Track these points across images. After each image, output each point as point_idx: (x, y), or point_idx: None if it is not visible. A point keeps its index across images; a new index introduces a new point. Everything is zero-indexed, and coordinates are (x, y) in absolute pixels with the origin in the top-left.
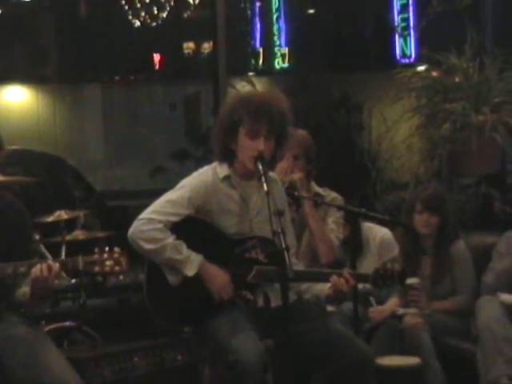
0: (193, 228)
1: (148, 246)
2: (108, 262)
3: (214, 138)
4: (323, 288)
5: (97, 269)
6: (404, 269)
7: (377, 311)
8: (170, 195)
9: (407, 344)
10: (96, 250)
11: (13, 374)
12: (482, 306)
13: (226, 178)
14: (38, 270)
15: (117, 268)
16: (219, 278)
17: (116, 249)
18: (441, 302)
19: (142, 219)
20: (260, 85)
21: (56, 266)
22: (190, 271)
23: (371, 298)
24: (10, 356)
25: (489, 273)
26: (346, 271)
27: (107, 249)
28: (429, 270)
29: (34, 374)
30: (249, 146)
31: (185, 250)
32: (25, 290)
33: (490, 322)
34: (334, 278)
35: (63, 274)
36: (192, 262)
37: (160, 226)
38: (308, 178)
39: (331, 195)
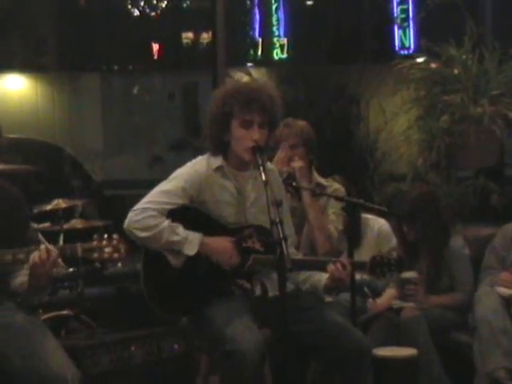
0: (188, 217)
1: (144, 234)
2: (107, 249)
3: (207, 131)
4: (321, 278)
5: (95, 255)
6: (401, 257)
7: (375, 304)
8: (164, 185)
9: (404, 336)
10: (95, 236)
11: (10, 363)
12: (480, 299)
13: (220, 169)
14: (36, 255)
15: (115, 255)
16: (223, 249)
17: (115, 236)
18: (438, 297)
19: (136, 210)
20: (259, 75)
21: (55, 250)
22: (191, 251)
23: (366, 289)
24: (8, 344)
25: (485, 273)
26: (342, 258)
27: (106, 236)
28: (426, 266)
29: (31, 364)
30: (244, 137)
31: (182, 231)
32: (22, 279)
33: (487, 314)
34: (331, 266)
35: (61, 263)
36: (191, 242)
37: (154, 213)
38: (309, 167)
39: (334, 186)
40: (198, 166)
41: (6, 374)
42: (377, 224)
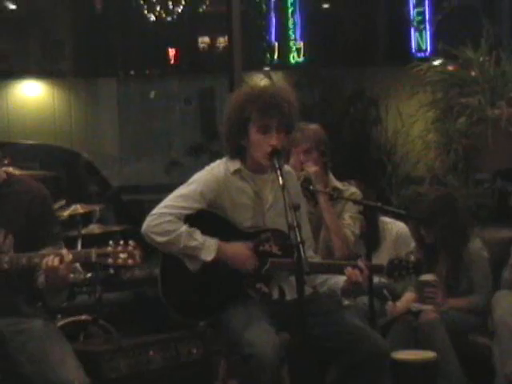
0: (206, 221)
1: (162, 239)
2: (122, 255)
3: (224, 135)
4: (338, 281)
5: (110, 261)
6: (419, 259)
7: (394, 307)
8: (181, 190)
9: (422, 339)
10: (110, 242)
11: (22, 369)
12: (499, 301)
13: (238, 172)
14: (49, 260)
15: (130, 261)
16: (240, 254)
17: (131, 242)
18: (457, 300)
19: (153, 214)
20: (275, 79)
21: (69, 256)
22: (208, 256)
23: (385, 292)
24: (22, 350)
25: (509, 268)
26: (360, 262)
27: (122, 242)
28: (445, 269)
29: (41, 370)
30: (261, 142)
31: (199, 236)
32: (42, 281)
33: (506, 316)
34: (349, 269)
35: (79, 268)
36: (209, 247)
37: (171, 217)
38: (324, 171)
39: (350, 190)
40: (215, 169)
41: (20, 379)
42: (395, 227)
